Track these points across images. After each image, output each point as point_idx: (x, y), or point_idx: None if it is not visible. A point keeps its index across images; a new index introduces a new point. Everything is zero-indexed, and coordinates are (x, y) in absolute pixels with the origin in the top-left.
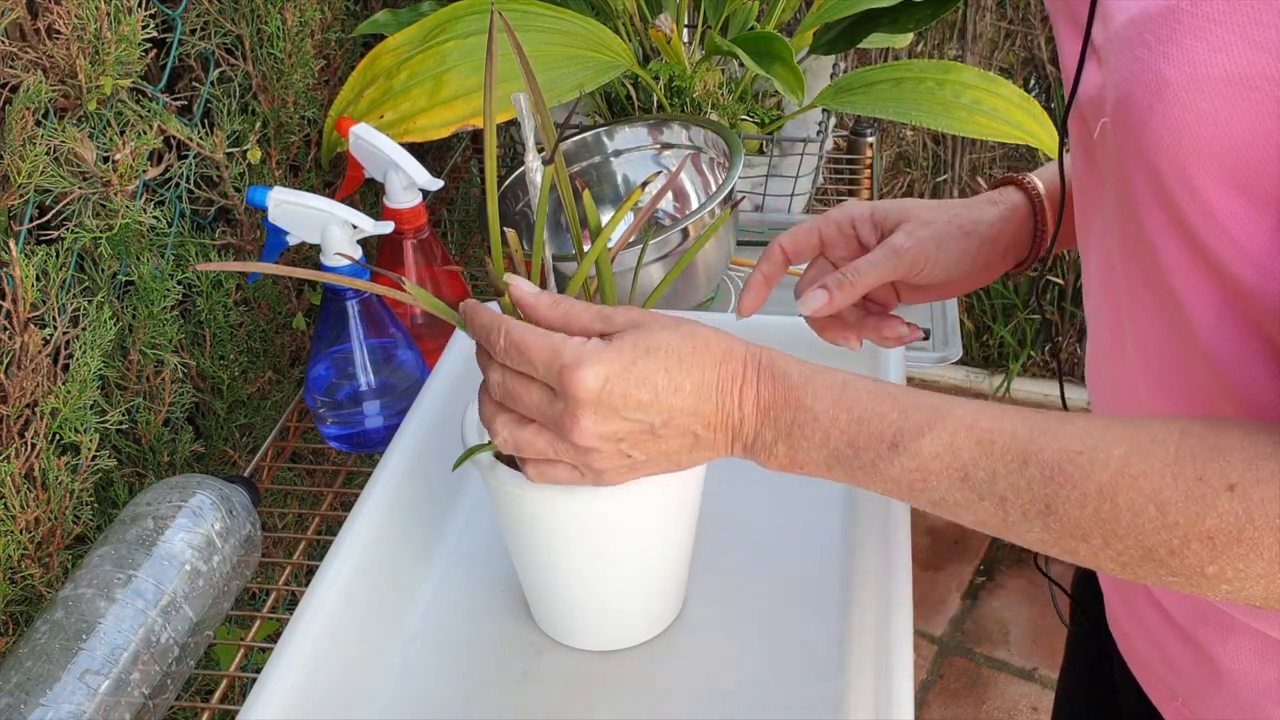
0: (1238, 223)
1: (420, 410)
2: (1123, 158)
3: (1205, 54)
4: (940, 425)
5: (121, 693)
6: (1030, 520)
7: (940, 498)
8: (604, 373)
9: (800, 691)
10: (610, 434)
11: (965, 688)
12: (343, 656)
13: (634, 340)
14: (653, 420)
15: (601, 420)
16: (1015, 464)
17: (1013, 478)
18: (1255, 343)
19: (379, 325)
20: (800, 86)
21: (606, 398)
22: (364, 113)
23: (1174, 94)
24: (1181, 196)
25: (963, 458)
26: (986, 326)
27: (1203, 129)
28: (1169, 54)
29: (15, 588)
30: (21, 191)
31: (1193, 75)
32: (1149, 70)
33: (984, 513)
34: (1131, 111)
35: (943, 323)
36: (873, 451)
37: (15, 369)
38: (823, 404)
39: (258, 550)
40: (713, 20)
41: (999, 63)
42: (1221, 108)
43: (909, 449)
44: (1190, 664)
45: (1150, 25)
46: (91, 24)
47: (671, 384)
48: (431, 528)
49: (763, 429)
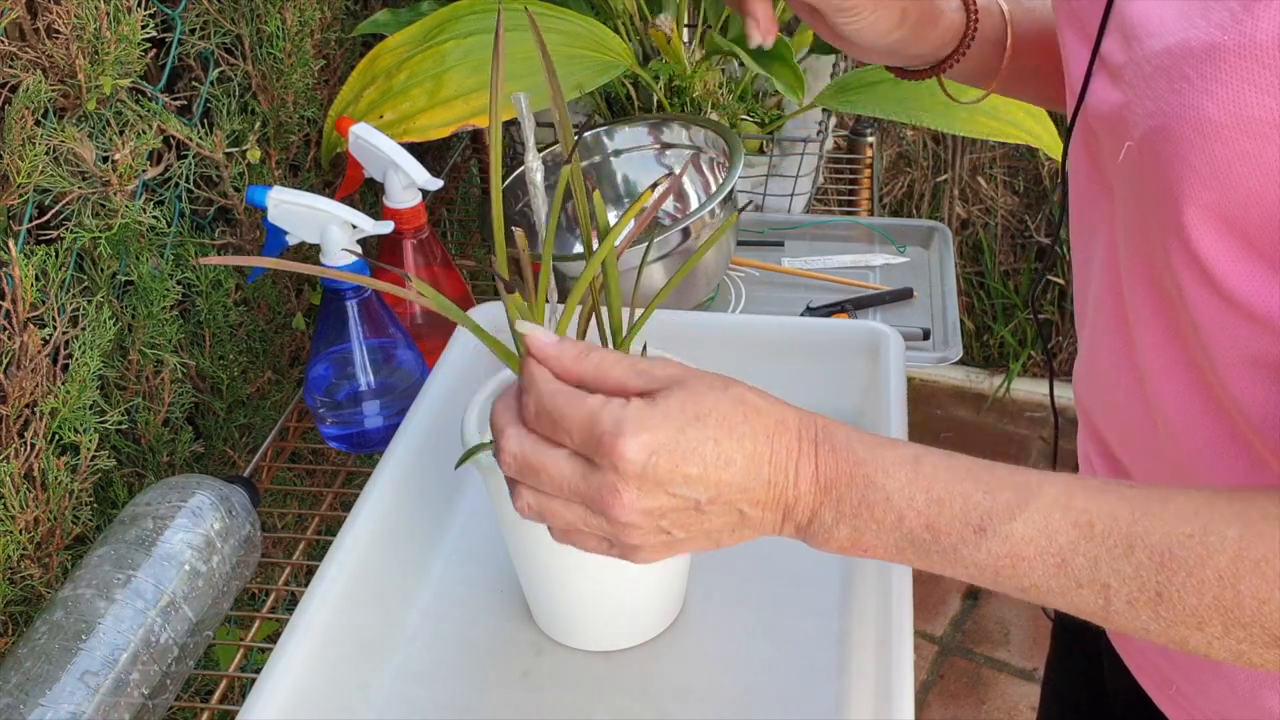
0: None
1: (420, 410)
2: (1148, 185)
3: (1253, 96)
4: (1032, 505)
5: (121, 693)
6: (1138, 609)
7: (1033, 584)
8: (651, 443)
9: (800, 691)
10: (653, 510)
11: (965, 688)
12: (343, 656)
13: (681, 404)
14: (699, 497)
15: (645, 496)
16: (1120, 549)
17: (1118, 564)
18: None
19: (379, 325)
20: (800, 86)
21: (652, 471)
22: (364, 112)
23: (1219, 133)
24: (1206, 230)
25: (1059, 542)
26: (987, 326)
27: (1245, 168)
28: (1213, 92)
29: (15, 588)
30: (21, 191)
31: (1239, 116)
32: (1190, 106)
33: (1083, 600)
34: (1168, 143)
35: (943, 323)
36: (955, 536)
37: (15, 369)
38: (896, 482)
39: (257, 550)
40: (713, 20)
41: None
42: (1268, 151)
43: (998, 533)
44: (1186, 654)
45: (1192, 60)
46: (91, 24)
47: (721, 457)
48: (431, 528)
49: (821, 509)
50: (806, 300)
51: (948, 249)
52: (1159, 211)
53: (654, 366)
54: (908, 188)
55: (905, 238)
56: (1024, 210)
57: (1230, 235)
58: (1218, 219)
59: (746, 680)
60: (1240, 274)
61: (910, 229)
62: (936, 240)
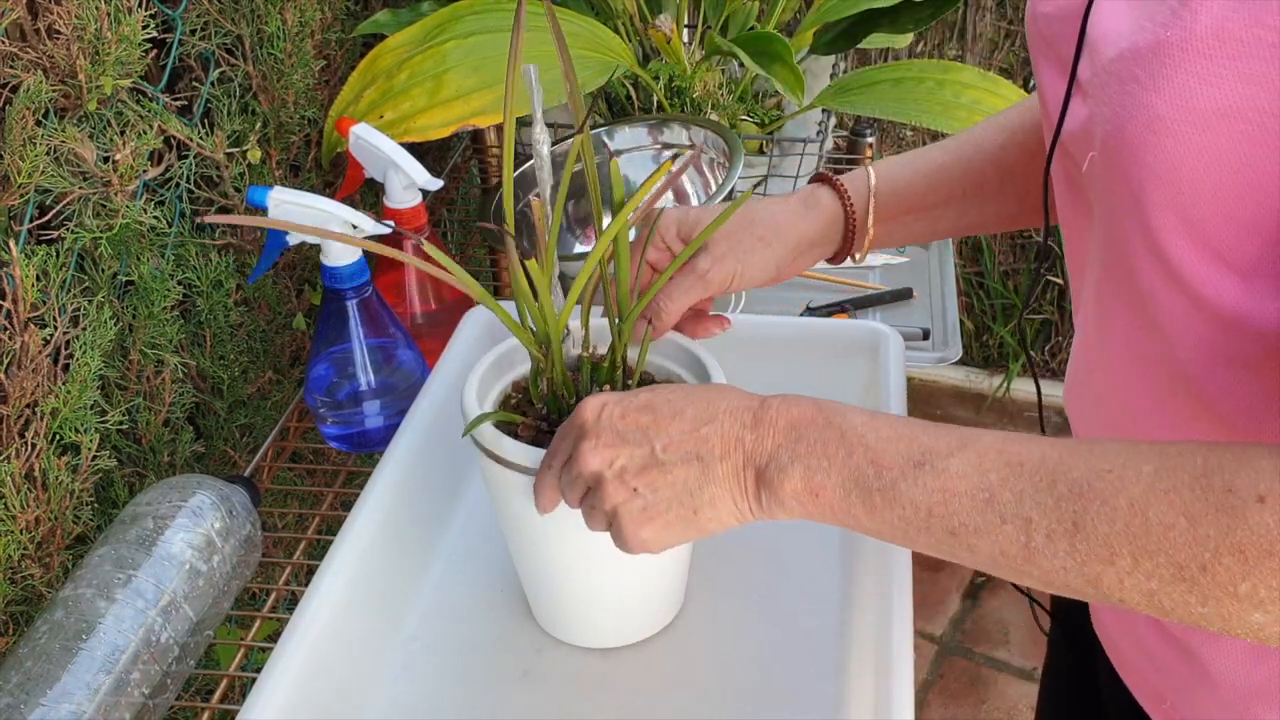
0: (1228, 247)
1: (420, 410)
2: (1110, 191)
3: (1196, 87)
4: (970, 448)
5: (121, 692)
6: (1055, 542)
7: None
8: (602, 402)
9: (800, 691)
10: (610, 459)
11: (965, 688)
12: (343, 656)
13: (642, 390)
14: (654, 443)
15: (602, 445)
16: (1044, 483)
17: (1040, 496)
18: (1241, 375)
19: (379, 325)
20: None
21: (606, 420)
22: (364, 113)
23: (1166, 127)
24: (1170, 230)
25: (990, 478)
26: (986, 326)
27: (1196, 162)
28: (1159, 88)
29: (15, 588)
30: (22, 191)
31: (1184, 108)
32: (1140, 104)
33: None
34: (1123, 145)
35: (943, 323)
36: (896, 470)
37: (15, 369)
38: (851, 423)
39: (258, 550)
40: (713, 20)
41: (999, 63)
42: (1215, 141)
43: (935, 467)
44: (1179, 667)
45: (1140, 60)
46: (91, 24)
47: (671, 408)
48: (431, 528)
49: (779, 451)
50: (806, 300)
51: (947, 249)
52: (1125, 220)
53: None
54: None
55: None
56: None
57: (1191, 239)
58: (1179, 221)
59: (746, 679)
60: (1205, 276)
61: None
62: (936, 240)
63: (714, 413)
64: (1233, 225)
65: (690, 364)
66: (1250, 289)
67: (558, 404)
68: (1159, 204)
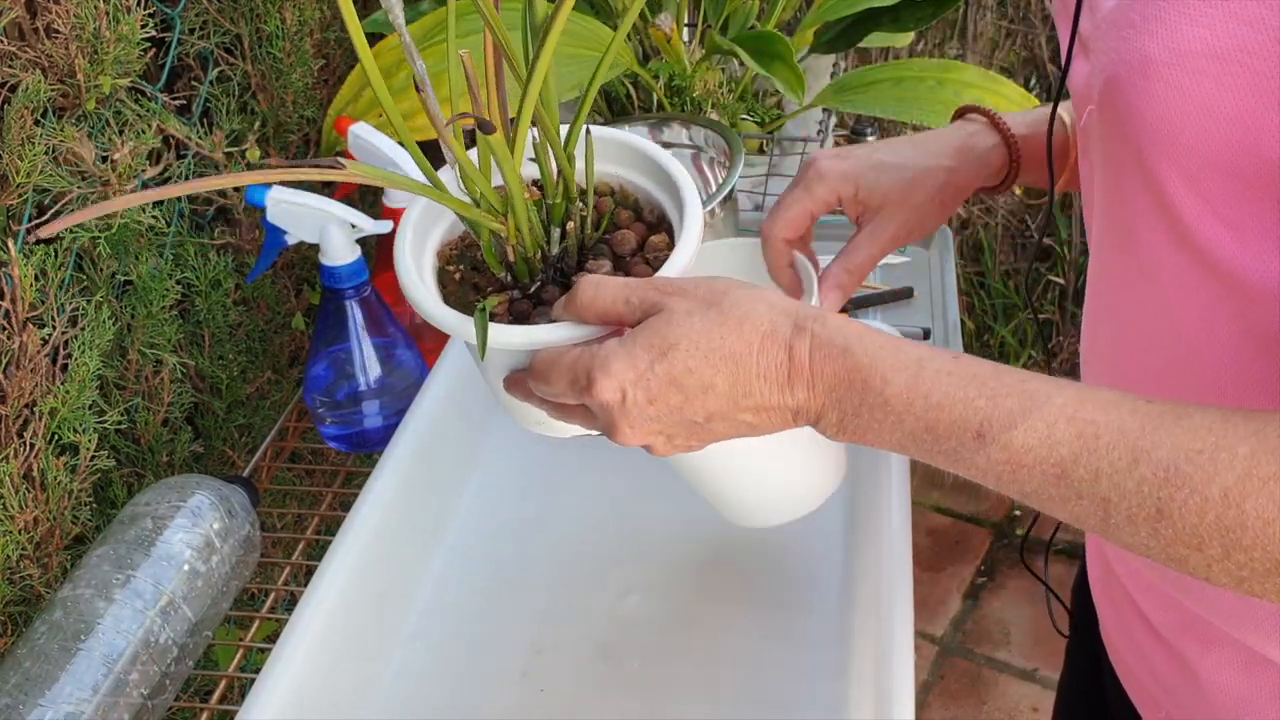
0: (1224, 202)
1: (420, 410)
2: (1108, 141)
3: (1187, 29)
4: (1035, 414)
5: (120, 693)
6: (1137, 525)
7: (1033, 490)
8: (619, 384)
9: (800, 691)
10: (657, 432)
11: (965, 688)
12: (342, 656)
13: (648, 339)
14: (694, 418)
15: (639, 427)
16: (1123, 462)
17: (1119, 478)
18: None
19: (378, 325)
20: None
21: (632, 406)
22: (363, 112)
23: (1158, 71)
24: (1166, 176)
25: (1060, 453)
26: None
27: (1186, 106)
28: (1154, 31)
29: (14, 588)
30: (20, 191)
31: (1176, 51)
32: (1134, 49)
33: (1083, 511)
34: (1117, 92)
35: (943, 323)
36: (954, 440)
37: (14, 369)
38: (894, 388)
39: (256, 550)
40: (713, 19)
41: (1000, 62)
42: (1205, 84)
43: (997, 440)
44: (1173, 675)
45: (1136, 5)
46: (90, 23)
47: (700, 383)
48: (431, 528)
49: (827, 410)
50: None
51: (948, 249)
52: (1127, 176)
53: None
54: None
55: None
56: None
57: (1192, 191)
58: (1177, 171)
59: (746, 680)
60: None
61: None
62: (936, 240)
63: (746, 381)
64: (1225, 177)
65: (653, 173)
66: (1246, 245)
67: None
68: (1155, 153)
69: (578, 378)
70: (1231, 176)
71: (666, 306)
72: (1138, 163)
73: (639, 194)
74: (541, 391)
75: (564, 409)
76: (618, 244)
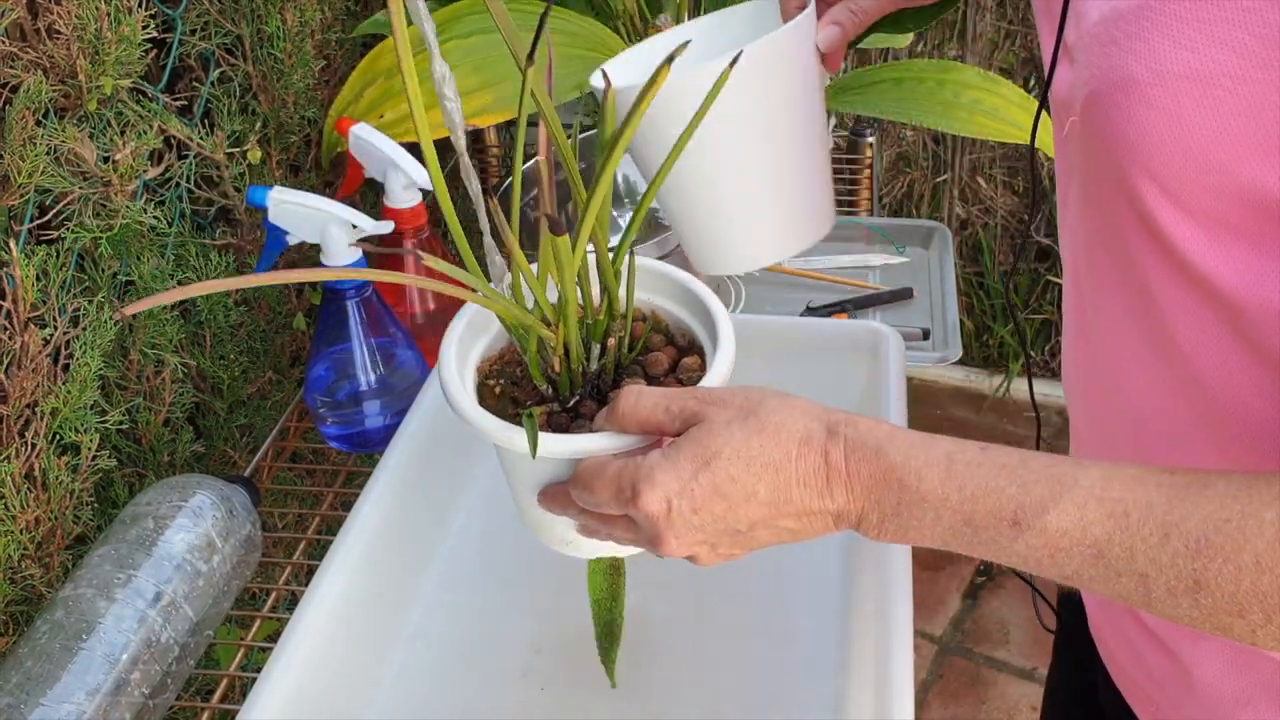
0: (1206, 216)
1: (420, 410)
2: (1090, 155)
3: (1170, 50)
4: (1066, 498)
5: (121, 692)
6: (1178, 598)
7: (1074, 571)
8: (664, 494)
9: (800, 691)
10: (700, 541)
11: (965, 688)
12: (343, 656)
13: (691, 450)
14: (737, 527)
15: (683, 538)
16: (1155, 539)
17: (1153, 553)
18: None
19: (379, 325)
20: None
21: (678, 517)
22: (364, 112)
23: (1139, 90)
24: (1146, 191)
25: (1094, 533)
26: (987, 326)
27: (1166, 126)
28: (1136, 50)
29: (15, 588)
30: (22, 191)
31: (1157, 71)
32: (1116, 67)
33: (1123, 588)
34: (1098, 108)
35: (943, 323)
36: (992, 530)
37: (15, 369)
38: (929, 484)
39: (258, 550)
40: None
41: (999, 63)
42: (1185, 105)
43: (1033, 526)
44: (1166, 671)
45: (1121, 22)
46: (92, 24)
47: (743, 492)
48: (431, 527)
49: (868, 512)
50: (806, 300)
51: (947, 249)
52: (1109, 187)
53: (685, 402)
54: (907, 188)
55: (905, 238)
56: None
57: (1174, 205)
58: (1157, 186)
59: (746, 680)
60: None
61: (910, 229)
62: (936, 240)
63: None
64: (1210, 192)
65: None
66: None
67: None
68: (1136, 169)
69: (622, 489)
70: (1216, 195)
71: (707, 416)
72: (1118, 175)
73: (669, 319)
74: (584, 501)
75: (606, 520)
76: (651, 365)
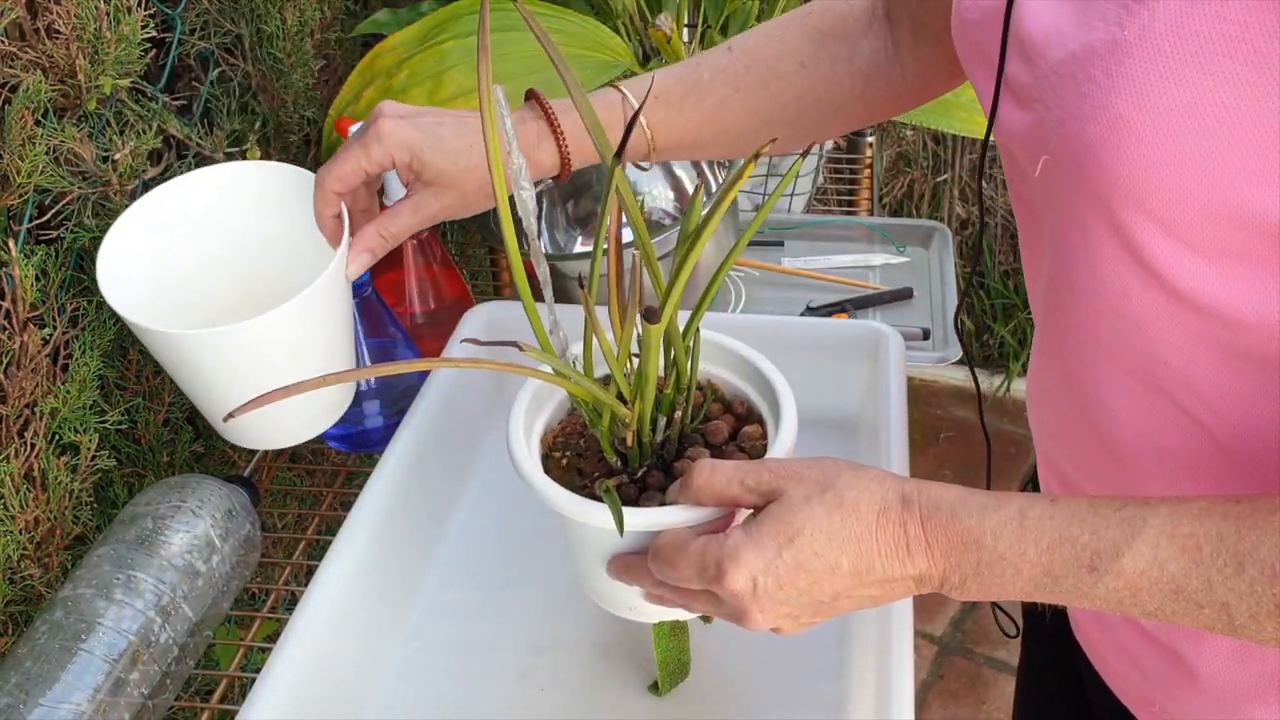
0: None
1: (420, 410)
2: (1069, 194)
3: (1157, 85)
4: (1138, 539)
5: (121, 693)
6: (1262, 622)
7: (1157, 608)
8: (750, 573)
9: (800, 692)
10: (785, 615)
11: (965, 688)
12: (342, 656)
13: (773, 528)
14: (820, 599)
15: (768, 612)
16: (1230, 568)
17: (1231, 583)
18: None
19: (379, 325)
20: None
21: (763, 593)
22: (364, 112)
23: (1129, 128)
24: (1143, 228)
25: (1170, 570)
26: (987, 326)
27: (1161, 160)
28: (1119, 88)
29: (15, 588)
30: (21, 191)
31: (1146, 108)
32: (1100, 106)
33: (1207, 619)
34: (1081, 147)
35: (943, 323)
36: (1072, 578)
37: (15, 369)
38: (1005, 541)
39: (257, 550)
40: (713, 20)
41: None
42: (1176, 138)
43: (1110, 570)
44: (1165, 670)
45: (1097, 61)
46: (91, 24)
47: (827, 566)
48: (431, 528)
49: (949, 574)
50: (806, 300)
51: (947, 249)
52: (1091, 222)
53: (761, 476)
54: (908, 188)
55: (905, 238)
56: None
57: (1166, 235)
58: (1150, 220)
59: (746, 680)
60: (1181, 269)
61: (910, 229)
62: (936, 240)
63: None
64: (1207, 219)
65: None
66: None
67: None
68: (1129, 204)
69: (706, 566)
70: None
71: (785, 492)
72: (1106, 212)
73: (725, 388)
74: (665, 576)
75: (685, 594)
76: (711, 434)
